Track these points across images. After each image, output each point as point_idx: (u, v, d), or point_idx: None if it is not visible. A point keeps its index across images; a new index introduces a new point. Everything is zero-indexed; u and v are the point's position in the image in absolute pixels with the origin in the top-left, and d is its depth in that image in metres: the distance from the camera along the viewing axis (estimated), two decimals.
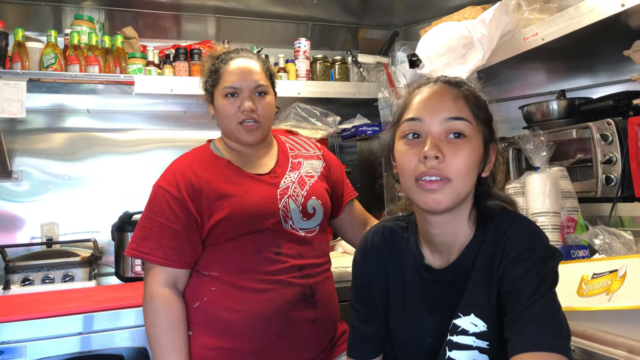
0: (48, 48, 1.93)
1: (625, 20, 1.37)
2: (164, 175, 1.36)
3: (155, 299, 1.27)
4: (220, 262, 1.33)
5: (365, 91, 2.39)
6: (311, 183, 1.42)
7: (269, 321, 1.28)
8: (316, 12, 2.52)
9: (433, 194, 0.85)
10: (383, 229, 1.05)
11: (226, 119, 1.37)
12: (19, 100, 1.81)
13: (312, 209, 1.38)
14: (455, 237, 0.93)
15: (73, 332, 1.53)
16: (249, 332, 1.28)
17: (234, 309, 1.29)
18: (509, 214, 0.93)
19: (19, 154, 2.23)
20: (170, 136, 2.48)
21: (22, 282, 1.89)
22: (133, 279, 2.02)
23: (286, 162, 1.44)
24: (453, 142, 0.86)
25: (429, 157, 0.84)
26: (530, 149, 1.55)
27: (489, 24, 1.58)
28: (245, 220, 1.30)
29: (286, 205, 1.35)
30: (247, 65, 1.38)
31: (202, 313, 1.31)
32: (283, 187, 1.37)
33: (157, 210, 1.31)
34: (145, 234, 1.30)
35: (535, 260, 0.83)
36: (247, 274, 1.30)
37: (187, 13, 2.41)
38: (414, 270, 0.97)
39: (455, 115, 0.87)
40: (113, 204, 2.29)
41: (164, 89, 2.05)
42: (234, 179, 1.35)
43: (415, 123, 0.88)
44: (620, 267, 1.03)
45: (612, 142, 1.48)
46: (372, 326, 1.03)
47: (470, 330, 0.87)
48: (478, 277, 0.89)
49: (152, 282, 1.29)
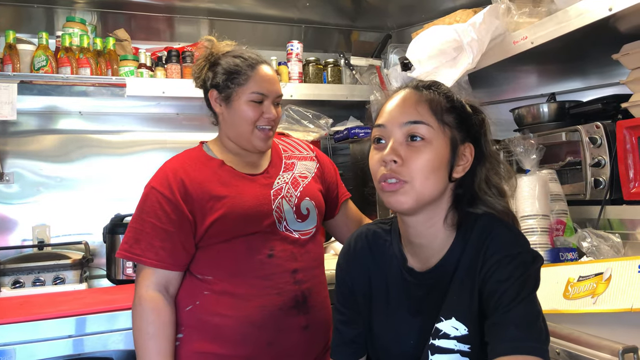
0: (39, 50, 1.92)
1: (613, 24, 1.38)
2: (156, 176, 1.34)
3: (144, 303, 1.25)
4: (213, 265, 1.31)
5: (358, 94, 2.40)
6: (305, 184, 1.41)
7: (259, 329, 1.27)
8: (309, 14, 2.52)
9: (394, 195, 0.88)
10: (367, 232, 1.06)
11: (244, 122, 1.35)
12: (9, 103, 1.81)
13: (305, 210, 1.37)
14: (434, 238, 0.93)
15: (63, 335, 1.52)
16: (239, 339, 1.27)
17: (224, 315, 1.28)
18: (491, 218, 0.93)
19: (10, 156, 2.23)
20: (162, 138, 2.47)
21: (12, 284, 1.88)
22: (124, 281, 2.01)
23: (279, 163, 1.44)
24: (412, 145, 0.89)
25: (387, 161, 0.89)
26: (520, 152, 1.56)
27: (478, 27, 1.58)
28: (239, 221, 1.29)
29: (280, 206, 1.34)
30: (273, 73, 1.39)
31: (194, 317, 1.30)
32: (277, 188, 1.37)
33: (149, 212, 1.29)
34: (137, 235, 1.28)
35: (516, 264, 0.84)
36: (239, 278, 1.29)
37: (180, 15, 2.41)
38: (397, 273, 0.98)
39: (413, 119, 0.90)
40: (105, 206, 2.28)
41: (156, 91, 2.05)
42: (227, 180, 1.34)
43: (380, 129, 0.93)
44: (605, 270, 1.03)
45: (601, 145, 1.49)
46: (354, 329, 1.03)
47: (452, 333, 0.88)
48: (459, 281, 0.90)
49: (142, 285, 1.27)
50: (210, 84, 1.39)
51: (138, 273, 1.30)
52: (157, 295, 1.26)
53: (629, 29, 1.40)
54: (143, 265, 1.27)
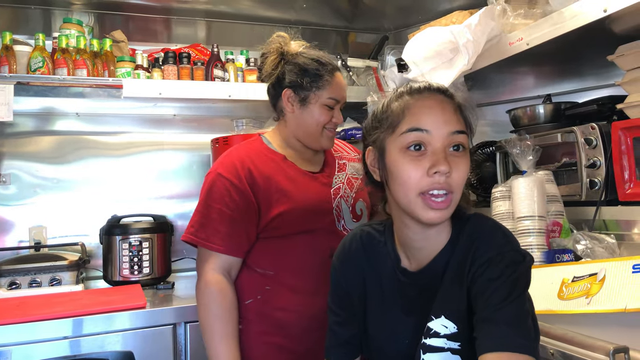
0: (36, 51, 1.92)
1: (608, 26, 1.38)
2: (222, 164, 1.36)
3: (211, 285, 1.30)
4: (275, 260, 1.35)
5: (355, 95, 2.39)
6: (357, 185, 1.46)
7: (321, 322, 1.26)
8: (306, 15, 2.53)
9: (440, 212, 0.85)
10: (361, 233, 1.06)
11: (315, 124, 1.40)
12: (6, 104, 1.81)
13: (360, 211, 1.43)
14: (436, 240, 0.94)
15: (59, 336, 1.52)
16: (301, 333, 1.32)
17: (288, 309, 1.33)
18: (480, 217, 0.94)
19: (7, 157, 2.23)
20: (159, 139, 2.47)
21: (9, 285, 1.88)
22: (121, 282, 2.01)
23: (333, 162, 1.49)
24: (455, 155, 0.87)
25: (441, 172, 0.84)
26: (516, 153, 1.56)
27: (474, 29, 1.59)
28: (302, 216, 1.33)
29: (339, 206, 1.39)
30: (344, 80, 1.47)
31: (254, 311, 1.35)
32: (335, 187, 1.41)
33: (216, 198, 1.32)
34: (203, 220, 1.32)
35: (507, 263, 0.84)
36: (302, 275, 1.34)
37: (177, 17, 2.41)
38: (391, 273, 0.98)
39: (458, 128, 0.88)
40: (101, 207, 2.29)
41: (153, 92, 2.05)
42: (292, 175, 1.38)
43: (421, 134, 0.87)
44: (599, 270, 1.04)
45: (596, 146, 1.50)
46: (349, 330, 1.04)
47: (442, 332, 0.88)
48: (449, 280, 0.90)
49: (208, 269, 1.31)
50: (286, 83, 1.41)
51: (201, 257, 1.34)
52: (222, 278, 1.31)
53: (624, 30, 1.40)
54: (208, 250, 1.32)
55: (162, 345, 1.62)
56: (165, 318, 1.64)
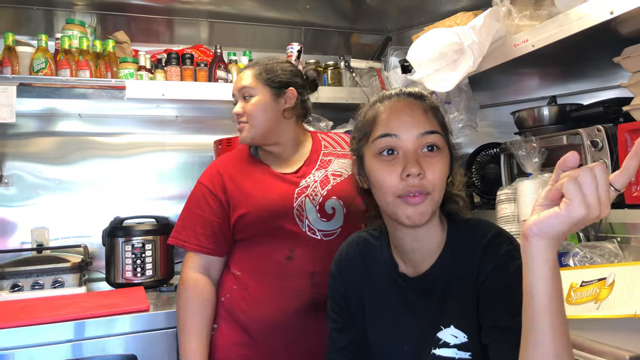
0: (39, 52, 1.92)
1: (615, 27, 1.37)
2: (204, 172, 1.47)
3: (186, 283, 1.38)
4: (242, 262, 1.39)
5: (358, 96, 2.39)
6: (335, 182, 1.41)
7: (276, 329, 1.31)
8: (309, 16, 2.51)
9: (416, 209, 0.85)
10: (358, 239, 1.06)
11: None
12: (9, 105, 1.80)
13: (331, 209, 1.38)
14: (428, 242, 0.93)
15: (62, 340, 1.52)
16: (260, 337, 1.33)
17: (247, 312, 1.34)
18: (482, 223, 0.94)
19: (9, 158, 2.22)
20: (161, 140, 2.47)
21: (11, 288, 1.87)
22: (123, 284, 2.01)
23: (315, 160, 1.46)
24: (429, 155, 0.88)
25: (413, 175, 0.85)
26: (522, 155, 1.56)
27: (479, 30, 1.58)
28: (260, 218, 1.34)
29: (302, 205, 1.36)
30: (240, 73, 1.49)
31: (224, 309, 1.39)
32: (303, 186, 1.39)
33: (194, 203, 1.43)
34: (184, 224, 1.43)
35: (515, 270, 0.83)
36: (259, 277, 1.35)
37: (180, 17, 2.40)
38: (390, 279, 0.98)
39: (429, 129, 0.89)
40: (103, 209, 2.28)
41: (156, 93, 2.04)
42: (258, 178, 1.40)
43: (390, 139, 0.89)
44: (608, 275, 1.03)
45: (602, 148, 1.49)
46: (348, 336, 1.04)
47: (452, 342, 0.88)
48: (456, 289, 0.90)
49: (187, 268, 1.40)
50: None
51: (184, 258, 1.44)
52: (199, 276, 1.39)
53: (630, 32, 1.39)
54: (187, 251, 1.42)
55: (166, 348, 1.62)
56: (168, 321, 1.63)
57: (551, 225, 0.64)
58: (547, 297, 0.66)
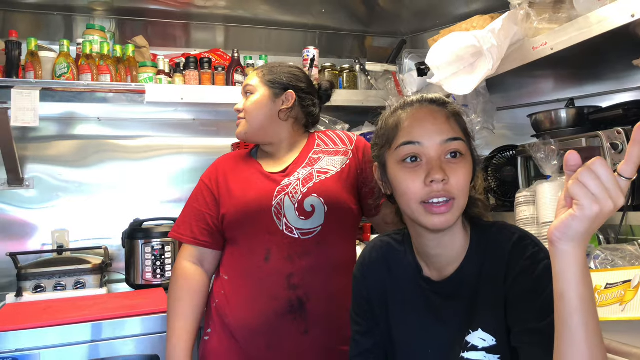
0: (61, 57, 1.95)
1: (634, 30, 1.37)
2: (206, 170, 1.52)
3: (177, 271, 1.42)
4: (227, 265, 1.41)
5: (373, 99, 2.40)
6: (319, 180, 1.38)
7: (257, 333, 1.31)
8: (324, 20, 2.54)
9: (442, 216, 0.87)
10: (381, 243, 1.07)
11: None
12: (32, 109, 1.83)
13: (310, 207, 1.34)
14: (452, 247, 0.94)
15: (87, 340, 1.54)
16: (244, 343, 1.32)
17: (231, 317, 1.35)
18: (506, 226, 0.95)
19: (30, 161, 2.25)
20: (178, 143, 2.50)
21: (34, 289, 1.90)
22: (143, 286, 2.03)
23: (303, 158, 1.45)
24: (452, 162, 0.89)
25: (437, 180, 0.86)
26: (541, 158, 1.56)
27: (498, 33, 1.59)
28: (239, 217, 1.36)
29: (280, 203, 1.34)
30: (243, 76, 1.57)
31: (216, 313, 1.39)
32: (284, 184, 1.37)
33: (193, 197, 1.48)
34: (183, 218, 1.47)
35: (542, 272, 0.84)
36: (242, 280, 1.35)
37: (197, 22, 2.43)
38: (414, 282, 0.99)
39: (452, 136, 0.90)
40: (123, 211, 2.31)
41: (175, 97, 2.07)
42: (246, 177, 1.42)
43: (413, 147, 0.90)
44: (634, 277, 1.03)
45: (622, 151, 1.49)
46: (371, 339, 1.04)
47: (480, 345, 0.89)
48: (484, 292, 0.91)
49: (179, 258, 1.44)
50: None
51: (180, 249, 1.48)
52: (190, 265, 1.42)
53: None
54: (182, 243, 1.46)
55: None
56: None
57: (571, 228, 0.67)
58: (578, 298, 0.68)
